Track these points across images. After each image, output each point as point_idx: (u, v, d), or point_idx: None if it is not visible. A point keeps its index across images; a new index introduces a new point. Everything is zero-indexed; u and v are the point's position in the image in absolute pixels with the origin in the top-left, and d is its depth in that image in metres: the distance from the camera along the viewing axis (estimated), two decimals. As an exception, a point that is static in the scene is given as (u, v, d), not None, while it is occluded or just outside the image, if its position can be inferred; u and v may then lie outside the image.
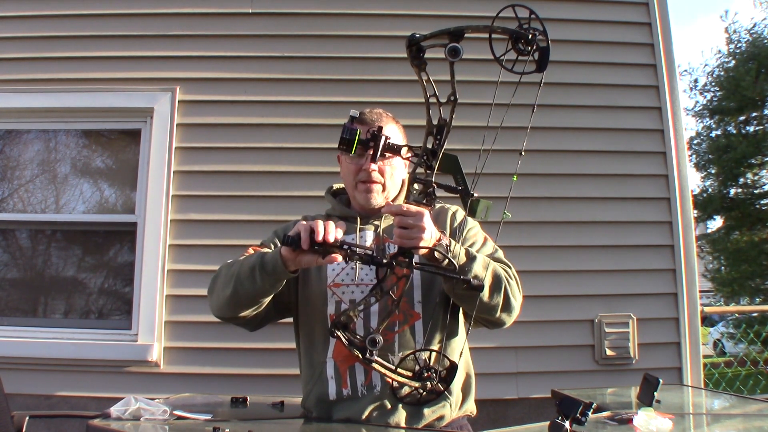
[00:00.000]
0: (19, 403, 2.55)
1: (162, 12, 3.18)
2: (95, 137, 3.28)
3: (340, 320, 1.33)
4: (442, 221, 1.54)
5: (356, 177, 1.51)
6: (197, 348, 2.86)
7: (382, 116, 1.53)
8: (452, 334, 1.49)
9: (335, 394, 1.43)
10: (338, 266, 1.46)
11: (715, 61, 14.19)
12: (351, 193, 1.56)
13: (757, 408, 1.73)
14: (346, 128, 1.27)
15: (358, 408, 1.40)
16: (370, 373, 1.40)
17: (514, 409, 2.83)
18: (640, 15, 3.26)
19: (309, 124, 3.08)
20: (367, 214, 1.55)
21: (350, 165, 1.51)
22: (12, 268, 3.16)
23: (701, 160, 13.19)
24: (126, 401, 1.43)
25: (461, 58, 1.18)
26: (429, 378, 1.33)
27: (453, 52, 1.16)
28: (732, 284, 12.64)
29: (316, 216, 1.62)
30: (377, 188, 1.50)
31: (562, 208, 3.02)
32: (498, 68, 1.20)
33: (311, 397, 1.47)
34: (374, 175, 1.49)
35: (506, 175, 1.34)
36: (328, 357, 1.45)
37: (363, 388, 1.41)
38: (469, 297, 1.35)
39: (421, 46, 1.16)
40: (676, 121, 3.16)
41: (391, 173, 1.51)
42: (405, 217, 1.27)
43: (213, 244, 2.96)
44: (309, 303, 1.52)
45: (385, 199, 1.52)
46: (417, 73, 1.24)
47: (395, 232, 1.28)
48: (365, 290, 1.43)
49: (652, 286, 3.04)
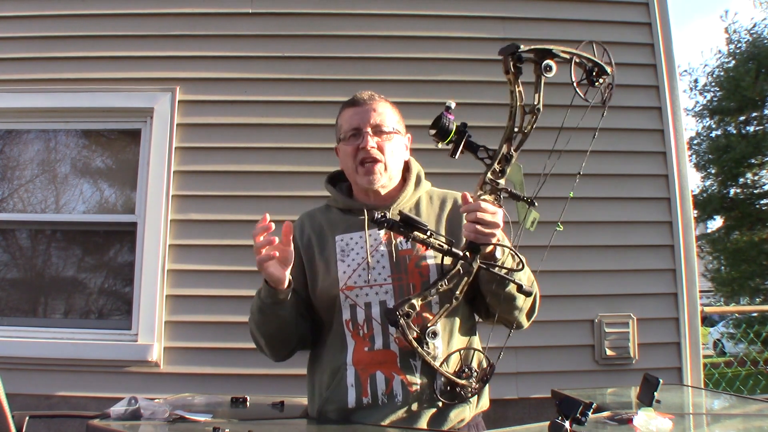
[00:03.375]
0: (19, 403, 2.54)
1: (162, 12, 3.18)
2: (95, 137, 3.28)
3: (403, 308, 1.27)
4: (454, 209, 1.51)
5: (355, 158, 1.45)
6: (197, 348, 2.87)
7: (374, 96, 1.51)
8: (472, 330, 1.49)
9: (354, 402, 1.37)
10: (349, 268, 1.42)
11: (715, 61, 14.22)
12: (352, 178, 1.50)
13: (757, 408, 1.73)
14: (445, 116, 1.27)
15: (377, 417, 1.35)
16: (391, 381, 1.36)
17: (514, 409, 2.83)
18: (640, 15, 3.27)
19: (309, 124, 3.08)
20: (373, 205, 1.48)
21: (347, 147, 1.46)
22: (12, 268, 3.17)
23: (701, 160, 13.20)
24: (126, 401, 1.43)
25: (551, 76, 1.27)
26: (468, 377, 1.33)
27: (547, 68, 1.26)
28: (732, 284, 12.65)
29: (315, 210, 1.58)
30: (379, 167, 1.45)
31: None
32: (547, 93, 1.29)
33: (328, 405, 1.41)
34: (374, 152, 1.44)
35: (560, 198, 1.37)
36: (348, 363, 1.39)
37: (384, 396, 1.35)
38: (508, 298, 1.36)
39: (520, 56, 1.23)
40: (676, 121, 3.16)
41: (391, 150, 1.46)
42: (484, 214, 1.26)
43: (213, 244, 2.96)
44: (321, 307, 1.47)
45: (389, 179, 1.48)
46: (512, 81, 1.26)
47: (469, 227, 1.27)
48: (379, 291, 1.40)
49: (652, 286, 3.04)
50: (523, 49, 1.23)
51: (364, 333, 1.40)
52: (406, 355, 1.35)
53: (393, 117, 1.51)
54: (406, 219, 1.25)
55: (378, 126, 1.46)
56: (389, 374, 1.36)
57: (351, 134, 1.47)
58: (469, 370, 1.34)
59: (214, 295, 2.90)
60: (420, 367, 1.35)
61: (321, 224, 1.52)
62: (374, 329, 1.38)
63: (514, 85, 1.26)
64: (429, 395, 1.35)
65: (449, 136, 1.28)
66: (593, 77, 1.31)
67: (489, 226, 1.27)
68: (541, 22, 3.22)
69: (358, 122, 1.47)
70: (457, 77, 3.15)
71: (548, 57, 1.25)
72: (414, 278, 1.40)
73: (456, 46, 3.19)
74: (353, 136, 1.47)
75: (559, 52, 1.26)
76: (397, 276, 1.41)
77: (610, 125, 3.25)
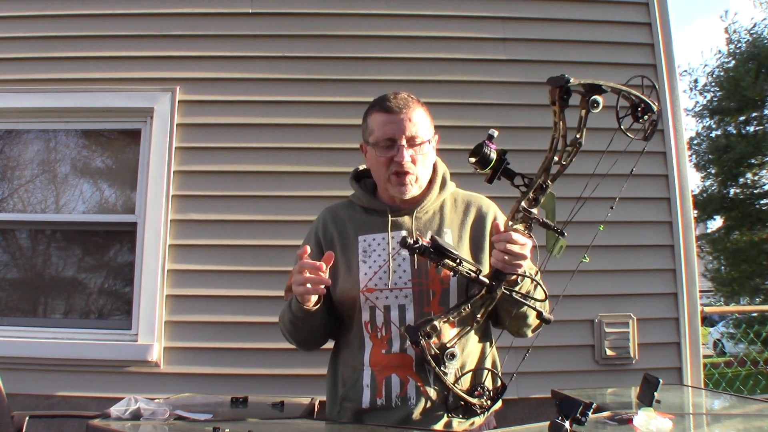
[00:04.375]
0: (19, 403, 2.55)
1: (162, 12, 3.18)
2: (95, 137, 3.28)
3: (425, 328, 1.29)
4: (479, 216, 1.52)
5: (388, 168, 1.43)
6: (197, 348, 2.86)
7: (409, 102, 1.46)
8: (487, 338, 1.53)
9: (369, 403, 1.40)
10: (370, 270, 1.43)
11: (715, 61, 14.21)
12: (382, 186, 1.49)
13: (757, 408, 1.73)
14: (486, 146, 1.28)
15: (389, 418, 1.38)
16: (405, 385, 1.38)
17: (514, 409, 2.83)
18: (640, 15, 3.26)
19: (309, 124, 3.08)
20: (398, 206, 1.49)
21: (380, 157, 1.44)
22: (12, 268, 3.16)
23: (701, 160, 13.19)
24: (126, 401, 1.43)
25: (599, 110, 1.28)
26: (480, 395, 1.35)
27: (594, 104, 1.27)
28: (732, 284, 12.65)
29: (337, 206, 1.57)
30: (411, 179, 1.44)
31: (562, 208, 3.01)
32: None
33: (345, 403, 1.44)
34: (408, 166, 1.42)
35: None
36: (365, 364, 1.42)
37: (397, 399, 1.38)
38: (522, 318, 1.42)
39: (569, 89, 1.23)
40: (676, 121, 3.16)
41: (423, 161, 1.46)
42: (513, 246, 1.28)
43: (213, 244, 2.96)
44: (342, 306, 1.48)
45: (419, 188, 1.47)
46: (557, 113, 1.26)
47: (498, 256, 1.29)
48: (399, 294, 1.41)
49: (652, 286, 3.03)
50: (572, 82, 1.22)
51: (382, 335, 1.42)
52: (421, 361, 1.36)
53: (426, 124, 1.48)
54: (438, 247, 1.26)
55: (413, 138, 1.44)
56: (404, 377, 1.38)
57: (385, 144, 1.44)
58: (481, 389, 1.36)
59: (214, 295, 2.90)
60: (434, 373, 1.36)
61: (344, 222, 1.53)
62: (392, 332, 1.40)
63: (558, 117, 1.26)
64: (442, 401, 1.36)
65: (490, 165, 1.29)
66: (638, 113, 1.33)
67: (517, 257, 1.29)
68: (541, 22, 3.21)
69: (393, 132, 1.43)
70: (457, 77, 3.15)
71: (596, 91, 1.25)
72: (434, 284, 1.41)
73: (456, 46, 3.19)
74: (387, 147, 1.43)
75: (608, 88, 1.26)
76: (418, 281, 1.42)
77: (611, 125, 3.25)
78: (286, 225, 2.95)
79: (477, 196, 1.58)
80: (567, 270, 1.40)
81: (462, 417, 1.35)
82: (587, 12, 3.28)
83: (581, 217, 1.38)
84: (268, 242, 2.94)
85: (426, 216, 1.49)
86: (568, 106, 1.25)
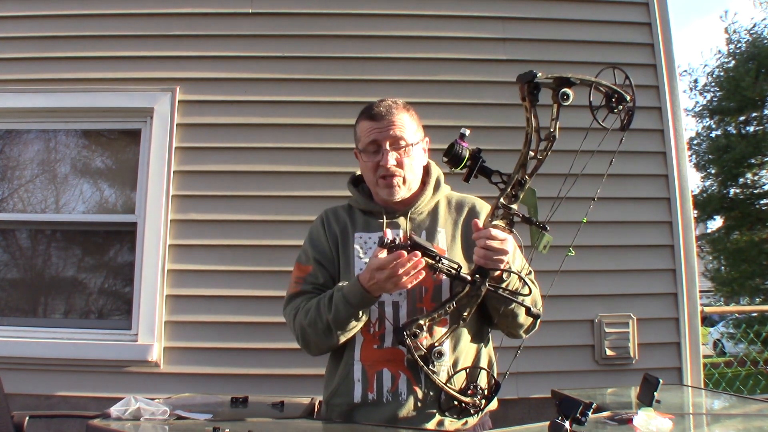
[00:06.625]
0: (19, 403, 2.55)
1: (162, 12, 3.18)
2: (95, 137, 3.28)
3: (411, 328, 1.31)
4: (471, 216, 1.53)
5: (375, 173, 1.49)
6: (197, 348, 2.86)
7: (392, 107, 1.50)
8: (483, 340, 1.52)
9: (360, 398, 1.42)
10: (366, 267, 1.43)
11: (715, 61, 14.21)
12: (373, 189, 1.54)
13: (757, 408, 1.73)
14: (458, 144, 1.29)
15: (381, 414, 1.39)
16: (397, 379, 1.40)
17: (514, 409, 2.83)
18: (640, 15, 3.26)
19: (309, 124, 3.08)
20: (393, 208, 1.54)
21: (368, 163, 1.50)
22: (12, 268, 3.16)
23: (701, 160, 13.19)
24: (126, 401, 1.43)
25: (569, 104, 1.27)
26: (474, 395, 1.34)
27: (564, 97, 1.26)
28: (732, 284, 12.65)
29: (338, 208, 1.61)
30: (398, 181, 1.49)
31: (562, 208, 3.01)
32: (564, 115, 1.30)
33: (336, 398, 1.47)
34: (393, 169, 1.47)
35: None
36: (356, 359, 1.44)
37: (389, 394, 1.40)
38: (511, 316, 1.41)
39: (537, 84, 1.23)
40: (676, 121, 3.16)
41: (410, 164, 1.50)
42: (492, 241, 1.29)
43: (213, 244, 2.96)
44: None
45: (408, 190, 1.51)
46: (527, 109, 1.27)
47: (479, 253, 1.31)
48: (395, 293, 1.42)
49: (652, 286, 3.03)
50: (540, 77, 1.23)
51: (375, 331, 1.44)
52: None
53: (411, 127, 1.52)
54: (415, 245, 1.27)
55: (397, 140, 1.48)
56: (396, 372, 1.40)
57: (371, 149, 1.49)
58: (474, 387, 1.35)
59: (214, 295, 2.90)
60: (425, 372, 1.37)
61: (345, 221, 1.57)
62: (386, 328, 1.42)
63: (530, 113, 1.27)
64: (434, 398, 1.37)
65: (462, 163, 1.30)
66: (612, 103, 1.32)
67: (497, 253, 1.30)
68: (541, 22, 3.21)
69: (377, 137, 1.48)
70: (457, 77, 3.15)
71: (566, 85, 1.25)
72: (427, 282, 1.42)
73: (456, 46, 3.19)
74: (374, 152, 1.48)
75: (577, 80, 1.26)
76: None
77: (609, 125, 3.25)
78: (286, 225, 2.95)
79: (471, 198, 1.61)
80: (567, 270, 1.40)
81: (456, 417, 1.35)
82: (587, 12, 3.28)
83: (569, 217, 1.38)
84: (268, 242, 2.94)
85: (420, 217, 1.54)
86: (538, 101, 1.26)
